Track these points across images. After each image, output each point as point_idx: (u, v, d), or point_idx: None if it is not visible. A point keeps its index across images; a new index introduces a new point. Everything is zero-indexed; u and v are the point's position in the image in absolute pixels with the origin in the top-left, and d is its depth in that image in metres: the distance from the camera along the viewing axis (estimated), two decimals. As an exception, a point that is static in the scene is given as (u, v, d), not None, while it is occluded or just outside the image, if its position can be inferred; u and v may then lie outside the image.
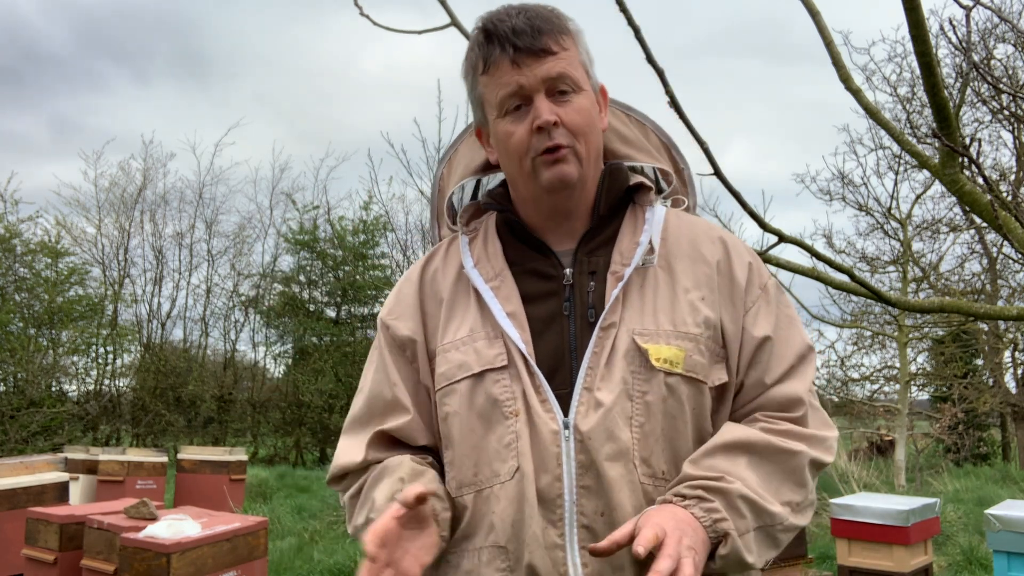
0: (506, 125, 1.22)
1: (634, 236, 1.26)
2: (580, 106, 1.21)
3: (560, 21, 1.22)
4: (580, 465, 1.13)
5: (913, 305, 3.08)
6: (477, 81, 1.24)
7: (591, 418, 1.14)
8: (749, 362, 1.22)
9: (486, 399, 1.18)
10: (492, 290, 1.24)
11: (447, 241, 1.38)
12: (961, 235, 13.22)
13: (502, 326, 1.19)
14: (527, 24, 1.19)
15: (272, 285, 18.40)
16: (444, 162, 1.45)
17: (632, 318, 1.19)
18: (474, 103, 1.29)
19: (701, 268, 1.24)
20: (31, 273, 14.32)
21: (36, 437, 12.44)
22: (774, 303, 1.26)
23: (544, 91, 1.19)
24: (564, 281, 1.23)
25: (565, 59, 1.20)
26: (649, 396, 1.15)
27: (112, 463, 7.56)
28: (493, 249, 1.29)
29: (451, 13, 2.50)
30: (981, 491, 10.05)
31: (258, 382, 18.06)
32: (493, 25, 1.21)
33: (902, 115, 11.50)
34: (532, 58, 1.18)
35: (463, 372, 1.20)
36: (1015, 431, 15.42)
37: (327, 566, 5.97)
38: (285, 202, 18.68)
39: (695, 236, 1.28)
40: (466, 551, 1.17)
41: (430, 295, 1.30)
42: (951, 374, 13.90)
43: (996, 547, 3.83)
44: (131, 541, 3.57)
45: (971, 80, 9.70)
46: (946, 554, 6.54)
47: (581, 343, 1.19)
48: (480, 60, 1.22)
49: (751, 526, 1.11)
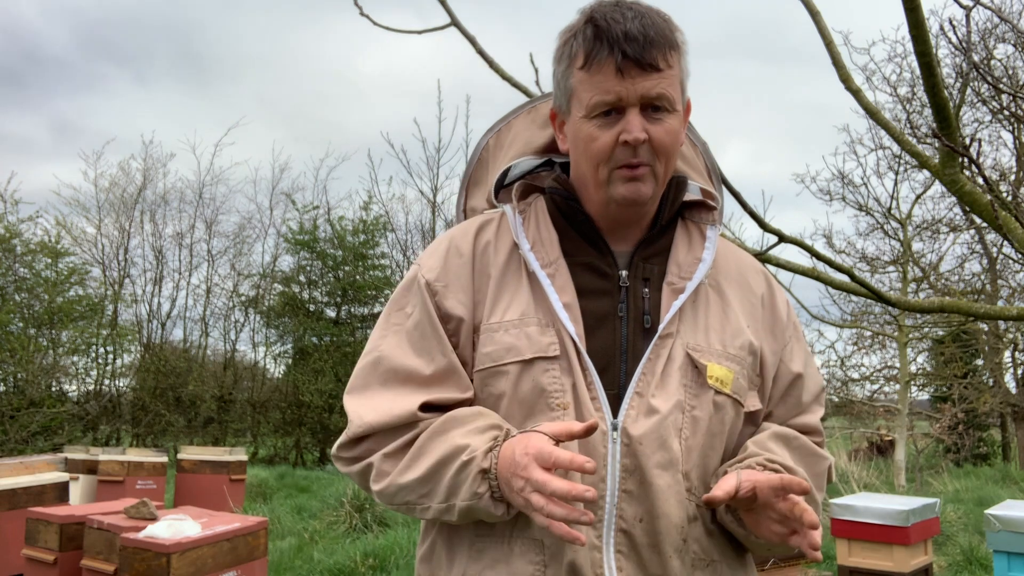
0: (591, 128, 1.18)
1: (690, 251, 1.28)
2: (671, 127, 1.19)
3: (672, 34, 1.18)
4: (624, 469, 1.13)
5: (913, 305, 3.08)
6: (572, 72, 1.19)
7: (642, 423, 1.14)
8: (783, 395, 1.29)
9: (533, 387, 1.16)
10: (548, 277, 1.21)
11: (498, 215, 1.33)
12: (961, 235, 13.24)
13: (559, 315, 1.17)
14: (641, 32, 1.14)
15: (272, 285, 18.39)
16: (492, 133, 1.41)
17: (687, 332, 1.21)
18: (560, 89, 1.24)
19: (748, 296, 1.29)
20: (31, 273, 14.30)
21: (36, 437, 12.43)
22: (802, 342, 1.33)
23: (639, 106, 1.16)
24: (620, 283, 1.23)
25: (668, 78, 1.17)
26: (697, 411, 1.17)
27: (112, 463, 7.55)
28: (548, 235, 1.26)
29: (451, 13, 2.50)
30: (981, 491, 10.06)
31: (258, 382, 18.06)
32: (606, 22, 1.15)
33: (902, 115, 11.52)
34: (637, 69, 1.14)
35: (512, 356, 1.17)
36: (1015, 431, 15.43)
37: (327, 566, 5.96)
38: (285, 202, 18.71)
39: (742, 264, 1.33)
40: (493, 538, 1.15)
41: (480, 270, 1.25)
42: (951, 374, 13.89)
43: (996, 547, 3.83)
44: (131, 541, 3.57)
45: (971, 80, 9.70)
46: (946, 554, 6.54)
47: (632, 346, 1.19)
48: (582, 54, 1.17)
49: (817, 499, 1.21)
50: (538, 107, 1.40)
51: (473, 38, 2.53)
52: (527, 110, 1.40)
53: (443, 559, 1.21)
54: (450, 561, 1.20)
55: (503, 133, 1.41)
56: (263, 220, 18.90)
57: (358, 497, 7.85)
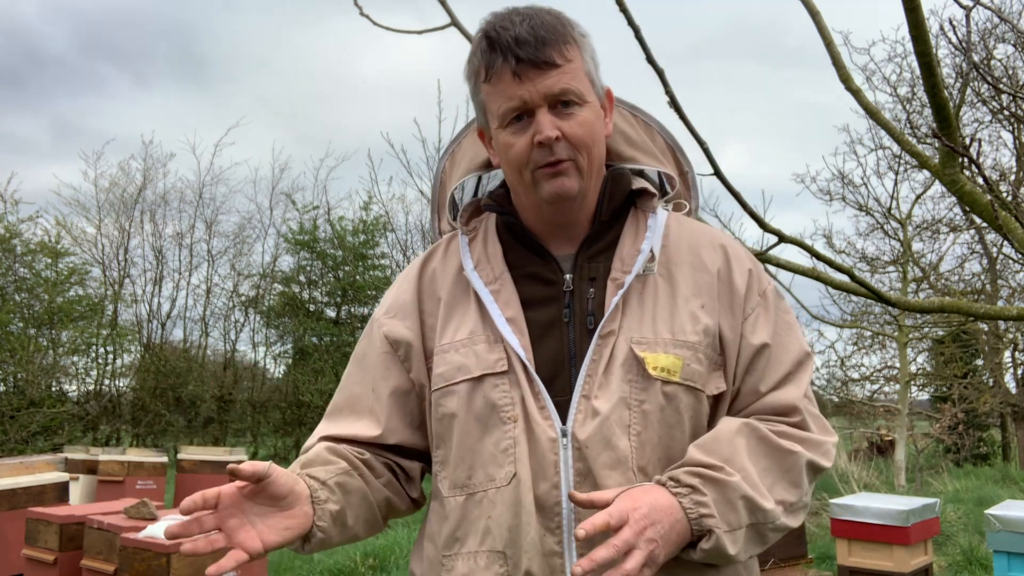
0: (507, 136, 1.20)
1: (635, 242, 1.25)
2: (583, 119, 1.19)
3: (565, 29, 1.19)
4: (578, 473, 1.13)
5: (913, 305, 3.08)
6: (479, 87, 1.22)
7: (588, 426, 1.14)
8: (746, 369, 1.22)
9: (484, 403, 1.17)
10: (492, 294, 1.23)
11: (446, 239, 1.36)
12: (961, 235, 13.22)
13: (501, 332, 1.19)
14: (530, 34, 1.15)
15: (272, 285, 18.39)
16: (447, 155, 1.44)
17: (631, 326, 1.18)
18: (476, 106, 1.27)
19: (702, 275, 1.24)
20: (31, 273, 14.31)
21: (36, 437, 12.44)
22: (773, 310, 1.25)
23: (547, 105, 1.17)
24: (564, 287, 1.23)
25: (569, 72, 1.17)
26: (647, 405, 1.15)
27: (112, 463, 7.55)
28: (493, 251, 1.28)
29: (451, 13, 2.50)
30: (981, 491, 10.06)
31: (258, 382, 18.06)
32: (496, 32, 1.17)
33: (902, 115, 11.51)
34: (535, 70, 1.16)
35: (462, 375, 1.19)
36: (1015, 431, 15.42)
37: (327, 567, 5.97)
38: (285, 202, 18.69)
39: (696, 242, 1.28)
40: (460, 555, 1.17)
41: (428, 294, 1.29)
42: (951, 374, 13.89)
43: (996, 547, 3.83)
44: (131, 541, 3.57)
45: (971, 80, 9.70)
46: (946, 554, 6.54)
47: (580, 350, 1.19)
48: (482, 67, 1.20)
49: (743, 522, 1.11)
50: None
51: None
52: (474, 128, 1.38)
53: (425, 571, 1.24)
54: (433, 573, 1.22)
55: (456, 154, 1.43)
56: (263, 220, 18.92)
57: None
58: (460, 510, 1.18)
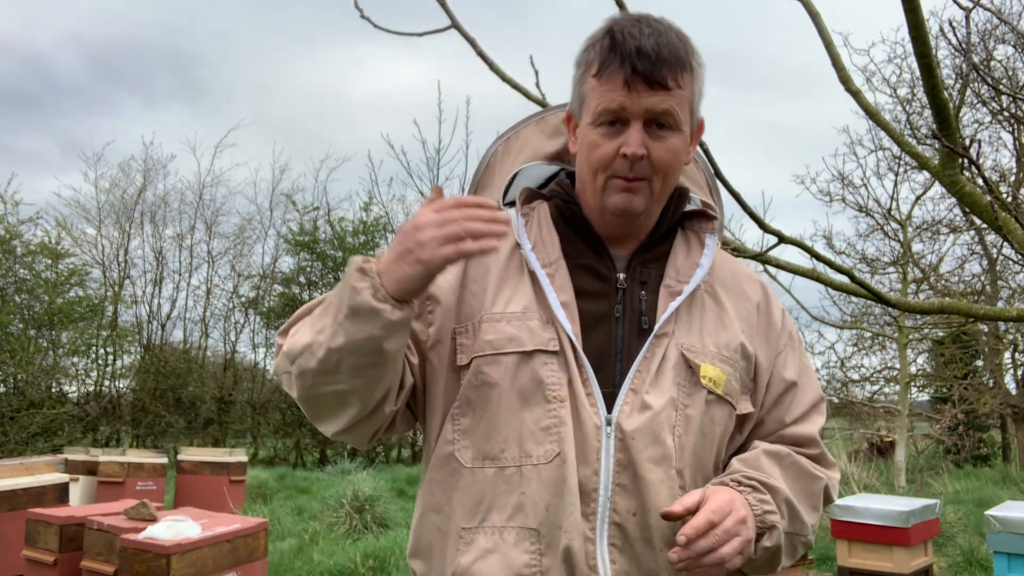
0: (595, 136, 1.22)
1: (688, 256, 1.30)
2: (672, 146, 1.21)
3: (686, 56, 1.20)
4: (618, 463, 1.15)
5: (913, 306, 3.08)
6: (586, 78, 1.23)
7: (636, 419, 1.16)
8: (775, 402, 1.29)
9: (531, 378, 1.18)
10: (548, 276, 1.24)
11: None
12: (961, 236, 13.21)
13: (556, 314, 1.20)
14: (654, 50, 1.16)
15: (272, 286, 18.40)
16: (502, 139, 1.47)
17: (682, 333, 1.23)
18: (576, 92, 1.28)
19: (743, 303, 1.31)
20: (31, 274, 14.30)
21: (36, 438, 12.43)
22: (798, 351, 1.34)
23: (643, 121, 1.19)
24: (617, 284, 1.26)
25: (676, 97, 1.19)
26: (691, 410, 1.19)
27: (112, 464, 7.55)
28: (549, 237, 1.30)
29: (451, 14, 2.50)
30: (981, 492, 10.06)
31: (258, 383, 18.03)
32: (622, 36, 1.18)
33: (902, 116, 11.51)
34: (645, 86, 1.17)
35: (513, 346, 1.19)
36: (1015, 432, 15.42)
37: (327, 567, 5.96)
38: (285, 203, 18.68)
39: (737, 272, 1.35)
40: (483, 528, 1.16)
41: (476, 260, 1.26)
42: (951, 375, 13.88)
43: (996, 548, 3.83)
44: (131, 542, 3.57)
45: (971, 81, 9.69)
46: (946, 555, 6.54)
47: (628, 346, 1.22)
48: (597, 63, 1.21)
49: (786, 529, 1.18)
50: (547, 118, 1.45)
51: (473, 40, 2.53)
52: (536, 120, 1.44)
53: (433, 552, 1.22)
54: (442, 553, 1.20)
55: (511, 141, 1.46)
56: (263, 221, 18.90)
57: (358, 498, 7.85)
58: (486, 483, 1.17)
